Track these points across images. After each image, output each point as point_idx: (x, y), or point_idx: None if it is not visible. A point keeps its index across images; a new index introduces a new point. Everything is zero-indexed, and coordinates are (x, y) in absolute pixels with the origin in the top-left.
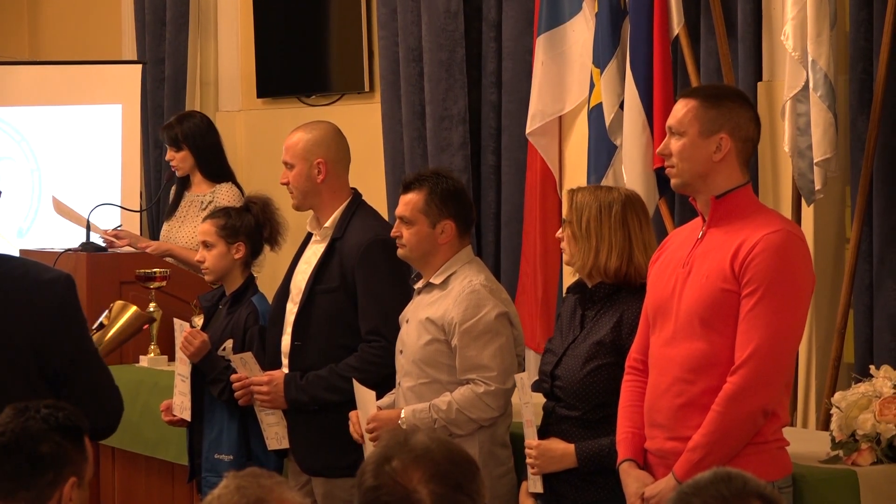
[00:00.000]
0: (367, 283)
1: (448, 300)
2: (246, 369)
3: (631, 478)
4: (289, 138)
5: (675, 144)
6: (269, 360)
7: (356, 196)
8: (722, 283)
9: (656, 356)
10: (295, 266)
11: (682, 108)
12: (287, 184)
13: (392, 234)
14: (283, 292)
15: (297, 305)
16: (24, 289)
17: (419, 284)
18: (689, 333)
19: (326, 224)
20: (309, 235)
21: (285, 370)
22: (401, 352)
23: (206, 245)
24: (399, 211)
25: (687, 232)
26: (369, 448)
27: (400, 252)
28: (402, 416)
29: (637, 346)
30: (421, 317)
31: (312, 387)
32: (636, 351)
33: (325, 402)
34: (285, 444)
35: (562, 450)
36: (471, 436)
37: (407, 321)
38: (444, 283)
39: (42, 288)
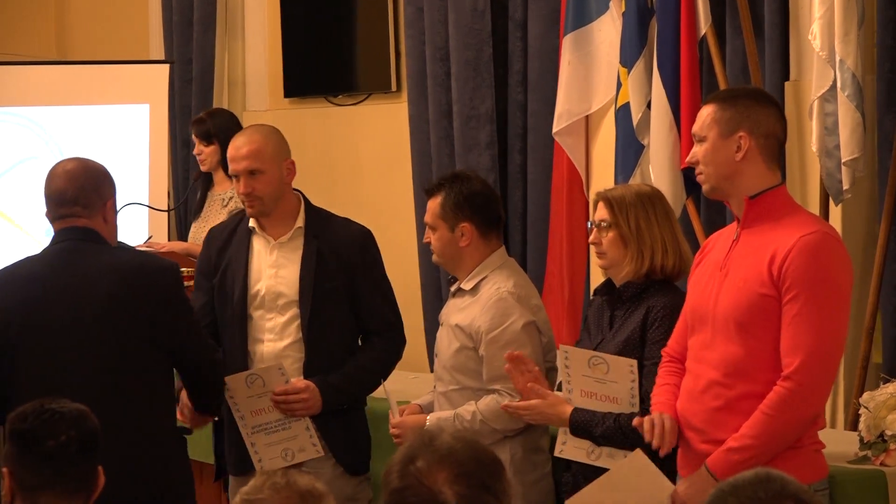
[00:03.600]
0: (372, 276)
1: (476, 307)
2: (273, 381)
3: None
4: (245, 146)
5: (699, 150)
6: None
7: (303, 193)
8: (759, 287)
9: (693, 360)
10: (247, 271)
11: (702, 115)
12: (250, 193)
13: (424, 240)
14: (242, 299)
15: (304, 309)
16: (143, 274)
17: (453, 287)
18: (727, 338)
19: (298, 223)
20: (236, 236)
21: (289, 378)
22: (437, 355)
23: None
24: (425, 218)
25: (725, 235)
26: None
27: (433, 258)
28: (427, 424)
29: (673, 339)
30: (452, 322)
31: (348, 386)
32: (674, 341)
33: (355, 399)
34: (308, 456)
35: (561, 411)
36: (501, 445)
37: (441, 324)
38: (475, 288)
39: (158, 274)
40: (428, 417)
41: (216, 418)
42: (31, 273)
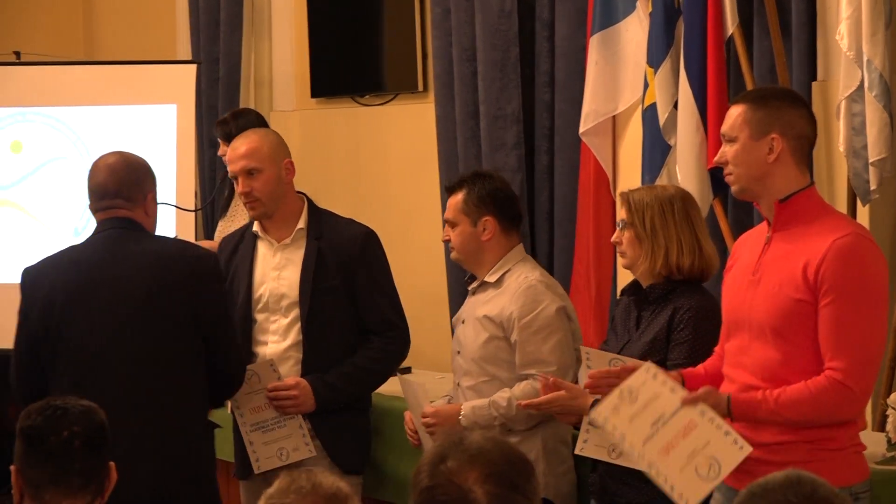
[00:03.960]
0: (372, 276)
1: (505, 297)
2: (267, 377)
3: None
4: (242, 146)
5: (729, 151)
6: None
7: (308, 197)
8: (793, 292)
9: (730, 364)
10: (251, 275)
11: (732, 114)
12: (249, 192)
13: (442, 238)
14: (246, 302)
15: (302, 310)
16: (184, 261)
17: (473, 285)
18: (763, 343)
19: (300, 225)
20: (242, 242)
21: (281, 375)
22: (458, 352)
23: None
24: (445, 215)
25: (754, 237)
26: (427, 441)
27: (452, 256)
28: (462, 412)
29: (719, 345)
30: (478, 315)
31: (342, 384)
32: (720, 346)
33: (353, 398)
34: (301, 456)
35: (583, 403)
36: (534, 433)
37: (462, 321)
38: (499, 281)
39: (198, 261)
40: (462, 405)
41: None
42: (74, 259)
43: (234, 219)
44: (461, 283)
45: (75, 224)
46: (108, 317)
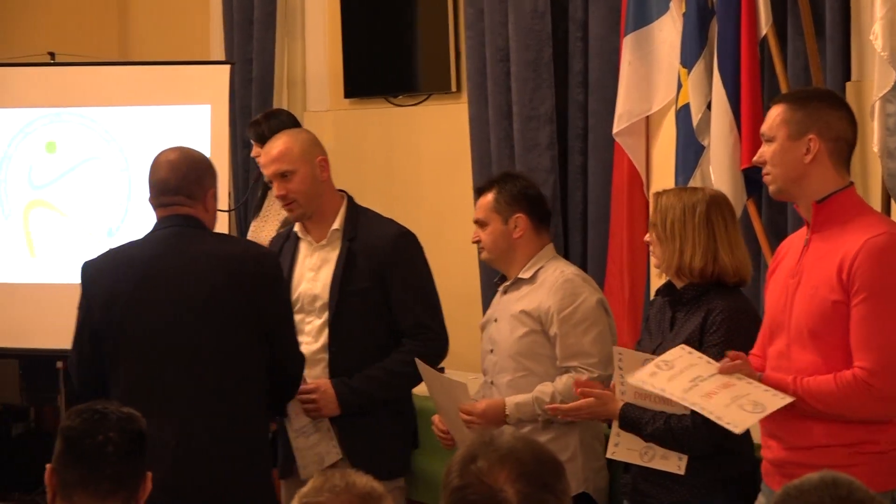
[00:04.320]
0: (404, 277)
1: (541, 291)
2: None
3: None
4: (273, 149)
5: (767, 151)
6: None
7: (350, 197)
8: (830, 294)
9: (771, 369)
10: (290, 275)
11: (772, 114)
12: (285, 195)
13: (472, 239)
14: None
15: (329, 311)
16: (246, 260)
17: (505, 284)
18: (801, 346)
19: (335, 226)
20: (287, 243)
21: (306, 378)
22: (491, 350)
23: None
24: (474, 215)
25: (796, 240)
26: (463, 434)
27: (482, 256)
28: (507, 411)
29: (755, 348)
30: (514, 311)
31: (367, 387)
32: (756, 349)
33: (380, 402)
34: (332, 459)
35: (613, 407)
36: (572, 428)
37: (495, 320)
38: (534, 277)
39: (260, 260)
40: (506, 403)
41: (274, 426)
42: (136, 256)
43: (267, 219)
44: (495, 284)
45: (109, 224)
46: (170, 315)
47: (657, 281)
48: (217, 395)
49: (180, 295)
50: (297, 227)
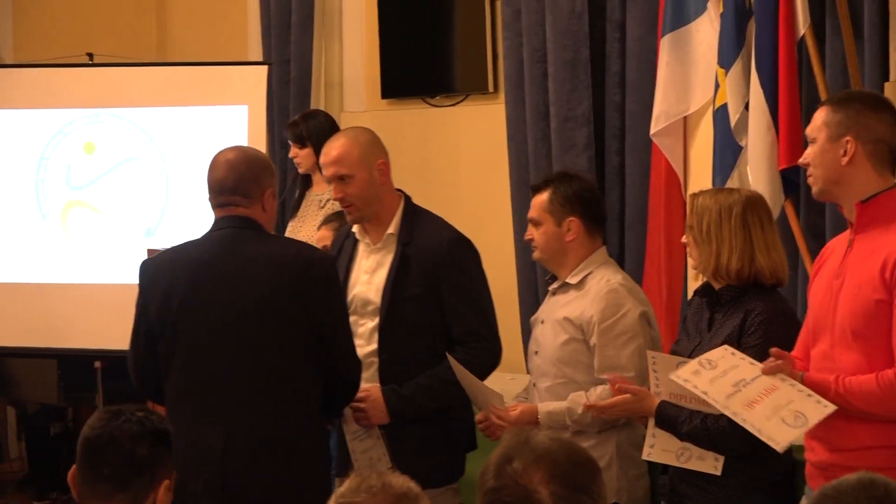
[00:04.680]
0: (456, 283)
1: (586, 299)
2: None
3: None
4: (332, 150)
5: (809, 152)
6: None
7: (407, 197)
8: (872, 293)
9: (815, 370)
10: (347, 276)
11: (816, 116)
12: (343, 198)
13: (525, 237)
14: None
15: (380, 316)
16: (302, 263)
17: (554, 286)
18: (846, 347)
19: (390, 230)
20: (347, 240)
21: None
22: (536, 352)
23: (325, 250)
24: (529, 213)
25: (840, 242)
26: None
27: (534, 255)
28: (539, 419)
29: (795, 349)
30: (558, 316)
31: (417, 396)
32: (796, 350)
33: (431, 411)
34: (384, 466)
35: (649, 405)
36: (607, 436)
37: (542, 322)
38: (581, 283)
39: (314, 264)
40: (539, 411)
41: (330, 427)
42: (192, 257)
43: (305, 219)
44: (531, 284)
45: (148, 225)
46: (224, 317)
47: (694, 282)
48: (266, 400)
49: (232, 298)
50: (354, 228)
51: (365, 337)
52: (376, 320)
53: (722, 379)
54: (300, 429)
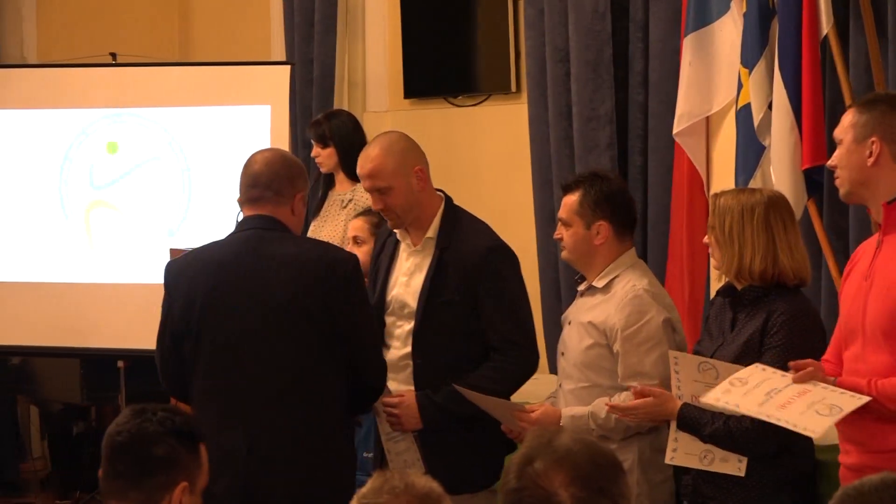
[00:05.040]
0: (493, 291)
1: (611, 304)
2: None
3: None
4: (366, 164)
5: (836, 153)
6: None
7: (448, 199)
8: None
9: (847, 373)
10: (387, 277)
11: (844, 118)
12: (382, 209)
13: (555, 236)
14: (379, 305)
15: (415, 320)
16: (323, 264)
17: (582, 287)
18: (876, 348)
19: (429, 234)
20: (389, 238)
21: (392, 384)
22: (562, 354)
23: (357, 241)
24: (559, 213)
25: (871, 243)
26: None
27: (562, 255)
28: (562, 423)
29: (828, 353)
30: (583, 320)
31: (450, 403)
32: (828, 353)
33: (464, 418)
34: (418, 471)
35: (671, 407)
36: (630, 442)
37: (569, 322)
38: (607, 286)
39: (335, 265)
40: (563, 415)
41: (360, 424)
42: (215, 258)
43: (327, 219)
44: (554, 284)
45: (170, 224)
46: (246, 318)
47: (717, 282)
48: (288, 402)
49: (253, 299)
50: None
51: (402, 339)
52: (412, 323)
53: (754, 391)
54: (323, 431)
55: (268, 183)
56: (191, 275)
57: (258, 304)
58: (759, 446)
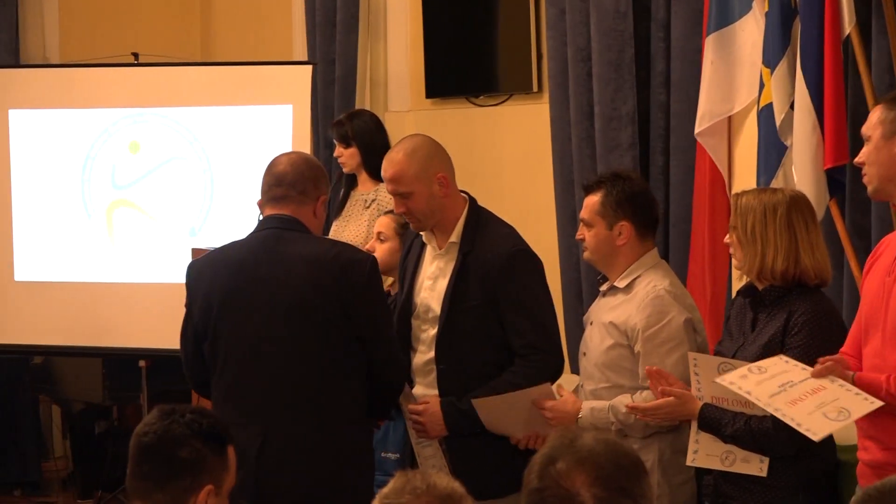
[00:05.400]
0: (515, 296)
1: (632, 305)
2: (406, 396)
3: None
4: (389, 169)
5: (864, 150)
6: None
7: (472, 202)
8: None
9: (868, 367)
10: (413, 280)
11: (871, 115)
12: (403, 213)
13: (577, 236)
14: (405, 308)
15: (438, 326)
16: (338, 265)
17: (604, 287)
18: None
19: (453, 238)
20: (416, 240)
21: (418, 388)
22: (584, 354)
23: (381, 237)
24: (581, 213)
25: (894, 237)
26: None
27: (584, 256)
28: (581, 413)
29: (846, 345)
30: (604, 320)
31: (474, 410)
32: (846, 346)
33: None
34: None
35: (692, 407)
36: (650, 442)
37: (591, 323)
38: (629, 286)
39: (352, 265)
40: (582, 405)
41: (379, 427)
42: (233, 258)
43: (349, 219)
44: (575, 284)
45: (192, 224)
46: (261, 319)
47: (739, 282)
48: (303, 402)
49: (268, 299)
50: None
51: (427, 343)
52: (436, 328)
53: (769, 381)
54: (337, 432)
55: (293, 182)
56: (210, 275)
57: (274, 304)
58: (781, 447)
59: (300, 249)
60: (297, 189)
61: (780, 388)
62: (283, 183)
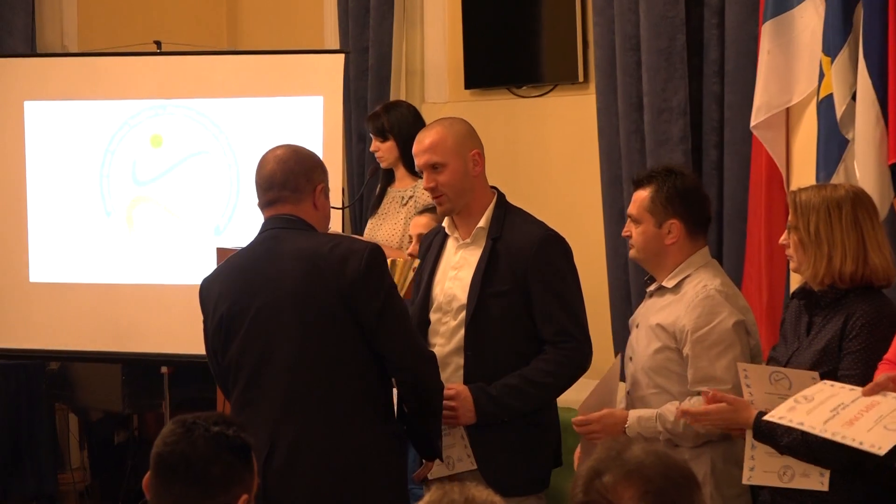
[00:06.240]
0: (546, 282)
1: (680, 305)
2: None
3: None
4: (426, 139)
5: None
6: None
7: (500, 194)
8: None
9: None
10: (433, 274)
11: None
12: (434, 188)
13: (623, 233)
14: (423, 303)
15: (466, 311)
16: (333, 257)
17: (651, 287)
18: None
19: (481, 224)
20: (436, 238)
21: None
22: (630, 359)
23: (419, 239)
24: (628, 209)
25: None
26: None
27: (630, 254)
28: (628, 423)
29: (892, 351)
30: (651, 322)
31: (505, 397)
32: (892, 352)
33: (518, 413)
34: (465, 467)
35: (746, 416)
36: (701, 452)
37: (637, 326)
38: (677, 286)
39: (350, 257)
40: (629, 414)
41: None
42: (237, 265)
43: (386, 217)
44: (623, 283)
45: (217, 222)
46: (266, 322)
47: (797, 283)
48: (310, 405)
49: (272, 302)
50: (445, 223)
51: (446, 336)
52: (460, 317)
53: (819, 408)
54: (348, 434)
55: (283, 182)
56: (216, 287)
57: (274, 307)
58: (837, 458)
59: (295, 245)
60: (290, 188)
61: (833, 412)
62: (273, 185)
